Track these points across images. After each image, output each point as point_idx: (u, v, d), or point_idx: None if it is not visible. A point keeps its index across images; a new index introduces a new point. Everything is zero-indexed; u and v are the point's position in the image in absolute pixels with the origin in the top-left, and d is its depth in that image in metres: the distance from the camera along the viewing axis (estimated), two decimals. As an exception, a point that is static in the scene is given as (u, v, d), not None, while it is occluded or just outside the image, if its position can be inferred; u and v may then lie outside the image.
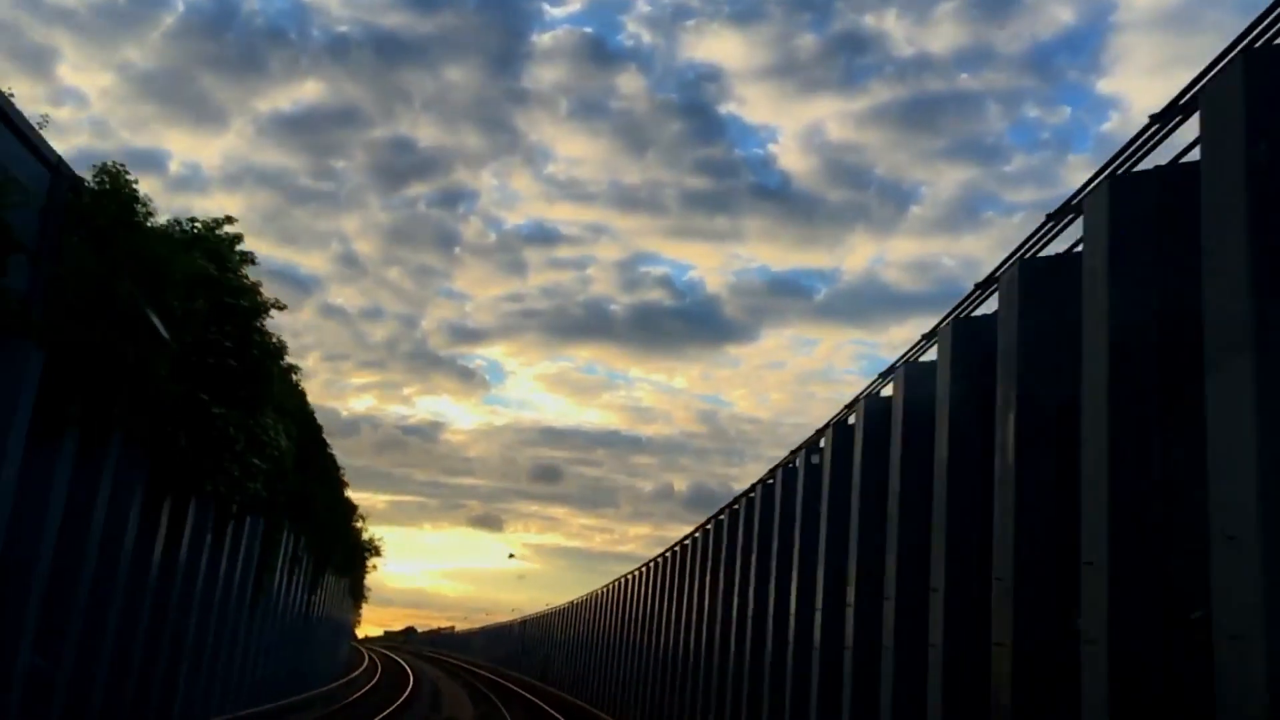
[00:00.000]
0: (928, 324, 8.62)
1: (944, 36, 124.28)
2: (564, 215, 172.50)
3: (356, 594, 46.96)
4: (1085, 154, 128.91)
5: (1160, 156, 6.16)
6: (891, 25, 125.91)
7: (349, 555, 35.14)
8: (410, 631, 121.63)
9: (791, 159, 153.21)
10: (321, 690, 27.21)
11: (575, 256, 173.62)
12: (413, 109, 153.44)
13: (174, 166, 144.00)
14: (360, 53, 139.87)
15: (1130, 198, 6.07)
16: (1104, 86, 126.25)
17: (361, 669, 43.11)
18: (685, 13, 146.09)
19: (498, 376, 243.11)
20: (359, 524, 35.90)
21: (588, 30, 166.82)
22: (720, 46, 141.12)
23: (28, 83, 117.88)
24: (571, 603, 40.86)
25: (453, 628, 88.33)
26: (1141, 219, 6.00)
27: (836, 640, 10.19)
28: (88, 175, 9.90)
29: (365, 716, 23.87)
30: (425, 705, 30.61)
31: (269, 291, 14.78)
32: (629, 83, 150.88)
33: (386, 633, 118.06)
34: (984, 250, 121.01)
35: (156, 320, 10.45)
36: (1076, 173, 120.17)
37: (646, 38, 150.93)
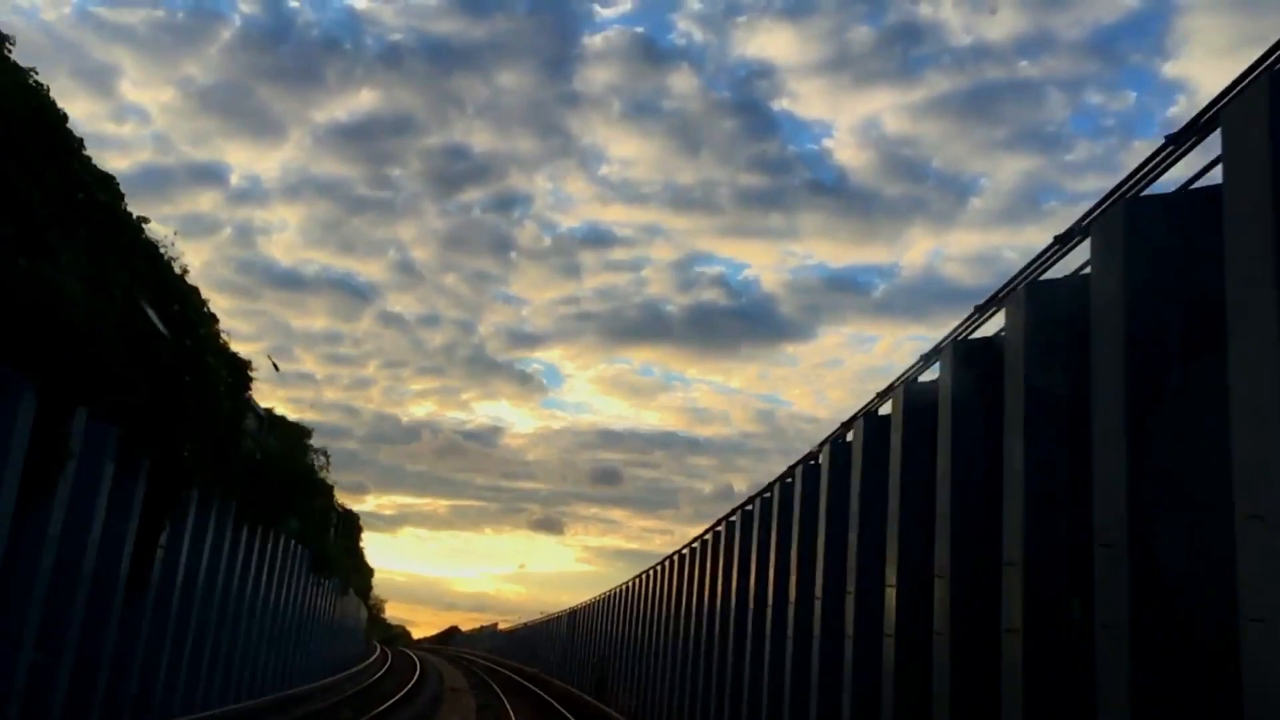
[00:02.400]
0: (990, 320, 8.59)
1: (1002, 23, 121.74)
2: (618, 217, 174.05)
3: (336, 571, 32.11)
4: (1151, 139, 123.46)
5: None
6: (948, 14, 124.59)
7: (278, 497, 20.81)
8: (454, 631, 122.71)
9: (847, 154, 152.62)
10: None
11: (630, 258, 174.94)
12: (466, 115, 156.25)
13: (234, 179, 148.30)
14: (413, 60, 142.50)
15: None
16: (1169, 70, 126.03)
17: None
18: (736, 9, 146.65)
19: (555, 380, 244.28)
20: (316, 466, 24.21)
21: (639, 30, 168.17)
22: (772, 42, 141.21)
23: (91, 100, 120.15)
24: (644, 574, 27.23)
25: (495, 625, 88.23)
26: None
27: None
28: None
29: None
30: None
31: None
32: (681, 82, 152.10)
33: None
34: (1047, 241, 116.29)
35: None
36: (1141, 159, 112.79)
37: (698, 36, 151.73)
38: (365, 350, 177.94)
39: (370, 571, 60.90)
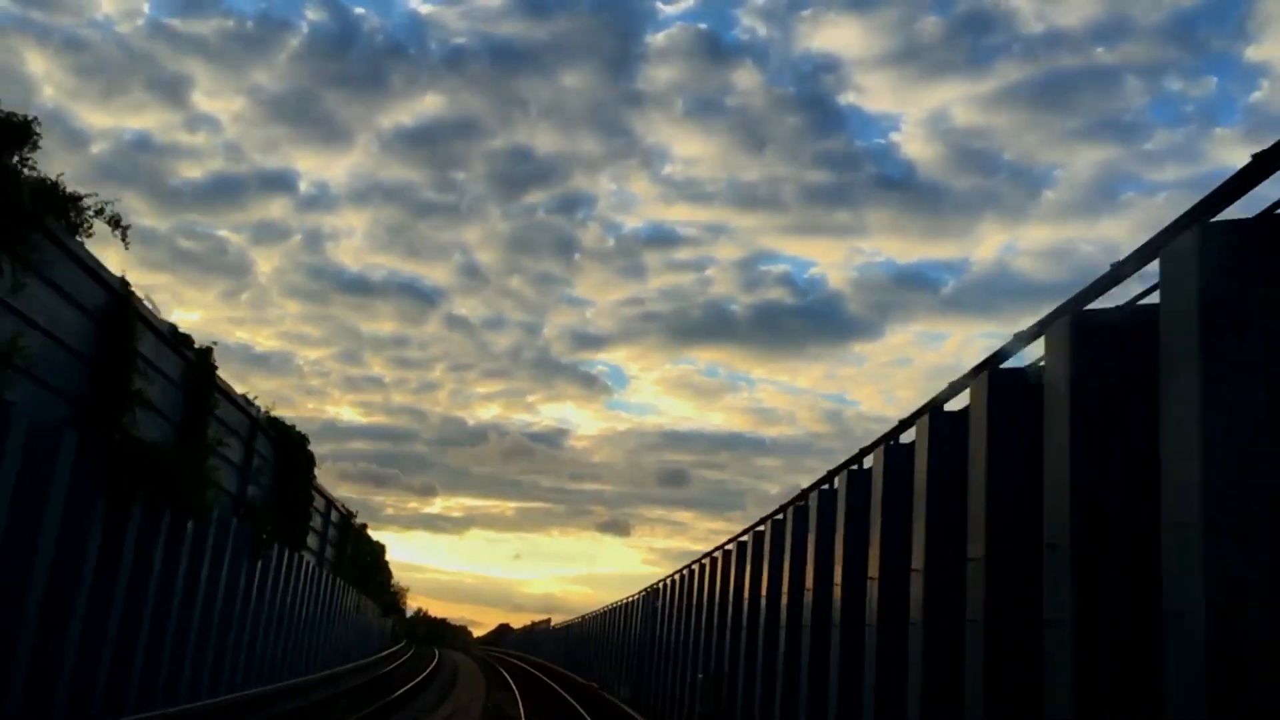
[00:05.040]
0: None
1: (1076, 10, 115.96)
2: (682, 216, 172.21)
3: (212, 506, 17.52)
4: (1233, 127, 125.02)
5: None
6: (1019, 1, 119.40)
7: None
8: (505, 630, 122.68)
9: (915, 148, 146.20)
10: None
11: (694, 258, 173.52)
12: (529, 117, 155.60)
13: (303, 186, 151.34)
14: (477, 63, 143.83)
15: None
16: (1252, 54, 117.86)
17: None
18: (801, 2, 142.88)
19: (620, 381, 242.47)
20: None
21: (702, 27, 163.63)
22: (838, 35, 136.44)
23: (165, 111, 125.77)
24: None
25: (548, 622, 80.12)
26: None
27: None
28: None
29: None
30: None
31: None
32: (745, 78, 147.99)
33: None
34: (1124, 234, 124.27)
35: None
36: (1223, 147, 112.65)
37: (761, 31, 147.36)
38: (432, 354, 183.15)
39: (376, 547, 49.34)
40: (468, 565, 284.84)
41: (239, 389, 19.45)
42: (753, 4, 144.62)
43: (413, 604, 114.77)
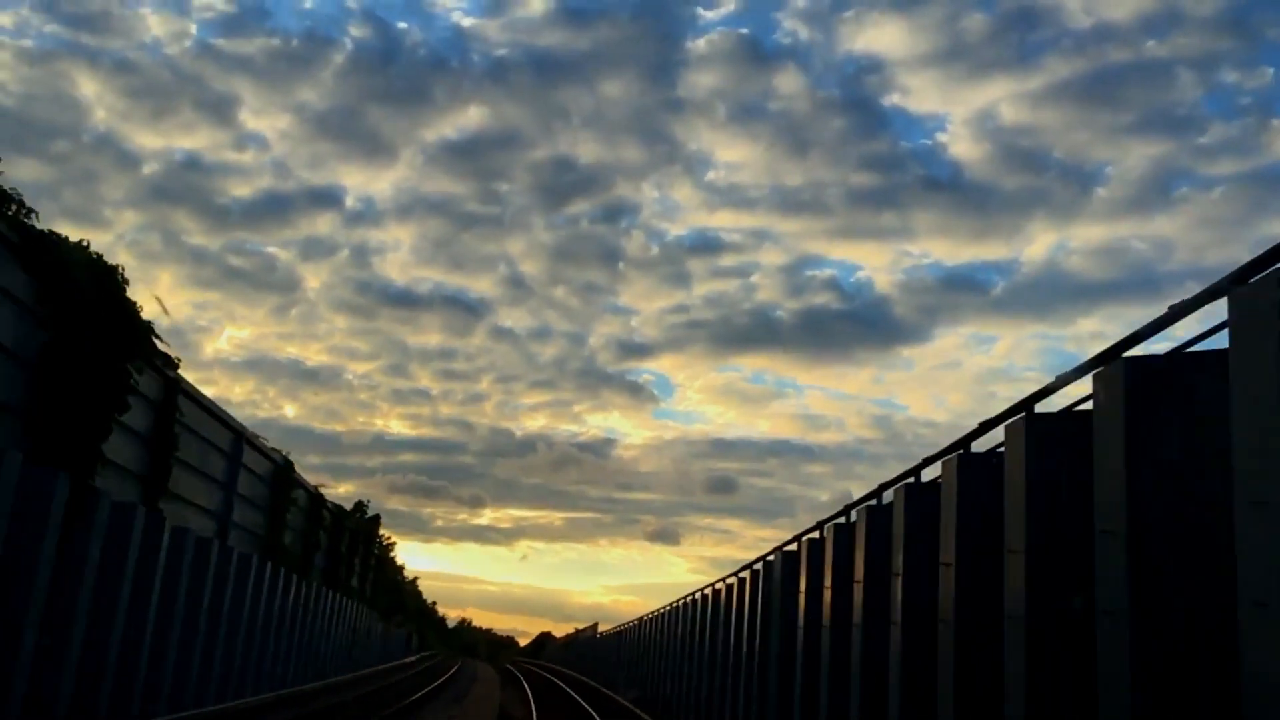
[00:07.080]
0: (1118, 313, 2.27)
1: (1125, 2, 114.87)
2: (726, 222, 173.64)
3: None
4: None
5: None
6: None
7: None
8: (547, 639, 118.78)
9: (962, 147, 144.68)
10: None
11: (739, 264, 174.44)
12: (571, 126, 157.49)
13: (350, 201, 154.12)
14: (519, 75, 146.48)
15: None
16: None
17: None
18: (843, 4, 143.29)
19: (665, 390, 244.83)
20: None
21: (743, 31, 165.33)
22: (881, 36, 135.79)
23: (213, 131, 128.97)
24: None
25: (594, 627, 70.70)
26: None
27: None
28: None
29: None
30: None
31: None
32: (787, 82, 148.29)
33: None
34: (1179, 230, 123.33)
35: None
36: None
37: (804, 34, 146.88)
38: (478, 365, 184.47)
39: (366, 526, 38.05)
40: (516, 576, 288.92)
41: (287, 407, 9.60)
42: (794, 7, 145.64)
43: (457, 614, 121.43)
